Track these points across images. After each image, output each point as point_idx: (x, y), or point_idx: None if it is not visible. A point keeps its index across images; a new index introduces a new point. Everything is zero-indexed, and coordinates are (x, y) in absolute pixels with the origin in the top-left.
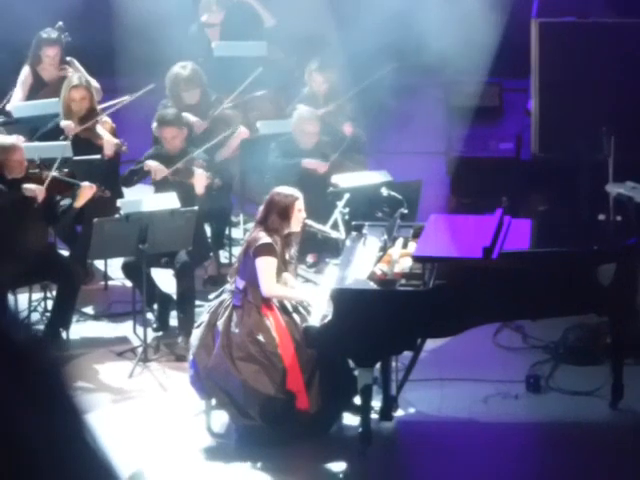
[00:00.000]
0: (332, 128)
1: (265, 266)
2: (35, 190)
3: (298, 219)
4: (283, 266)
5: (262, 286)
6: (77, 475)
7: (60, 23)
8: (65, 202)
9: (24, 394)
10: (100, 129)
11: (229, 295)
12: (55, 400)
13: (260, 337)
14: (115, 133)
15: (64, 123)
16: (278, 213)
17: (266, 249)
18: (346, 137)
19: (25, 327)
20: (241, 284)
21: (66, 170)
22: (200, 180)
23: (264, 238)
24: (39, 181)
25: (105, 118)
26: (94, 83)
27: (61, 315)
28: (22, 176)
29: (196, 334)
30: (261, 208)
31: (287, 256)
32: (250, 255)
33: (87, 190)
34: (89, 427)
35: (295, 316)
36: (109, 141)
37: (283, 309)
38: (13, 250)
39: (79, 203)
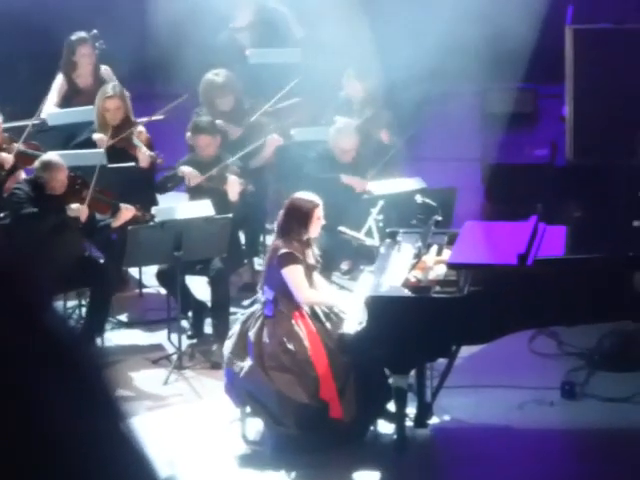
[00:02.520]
0: (369, 136)
1: (293, 275)
2: (79, 210)
3: (316, 226)
4: (308, 270)
5: (297, 295)
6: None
7: (95, 31)
8: (104, 219)
9: (70, 395)
10: (136, 140)
11: (260, 305)
12: (100, 402)
13: (291, 346)
14: (150, 144)
15: (96, 136)
16: (297, 219)
17: (289, 258)
18: (385, 145)
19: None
20: (270, 295)
21: (104, 190)
22: (233, 187)
23: (283, 247)
24: (79, 199)
25: (140, 128)
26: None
27: (95, 320)
28: (63, 192)
29: (228, 345)
30: (280, 213)
31: (310, 260)
32: (274, 265)
33: (127, 212)
34: (133, 430)
35: (327, 324)
36: (144, 153)
37: (315, 316)
38: (52, 260)
39: (117, 223)
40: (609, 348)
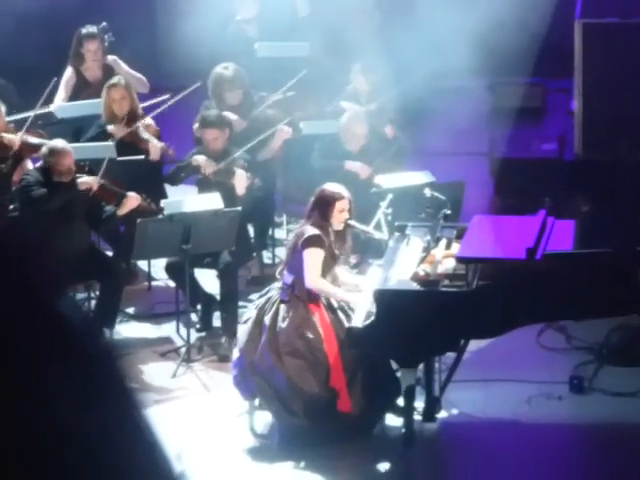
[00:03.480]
0: (374, 130)
1: (311, 257)
2: (90, 181)
3: (338, 219)
4: (332, 261)
5: (305, 276)
6: (134, 470)
7: (104, 23)
8: (109, 208)
9: (82, 385)
10: (145, 133)
11: (277, 291)
12: (113, 393)
13: (307, 332)
14: (159, 136)
15: (111, 127)
16: (319, 209)
17: (313, 241)
18: (388, 139)
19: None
20: (289, 279)
21: (112, 180)
22: (241, 180)
23: (311, 230)
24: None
25: (149, 121)
26: (139, 76)
27: (105, 314)
28: (69, 180)
29: (243, 329)
30: (310, 201)
31: (336, 251)
32: (298, 248)
33: (132, 200)
34: (146, 421)
35: (341, 314)
36: (155, 145)
37: (329, 307)
38: (61, 250)
39: (123, 211)
40: (617, 342)
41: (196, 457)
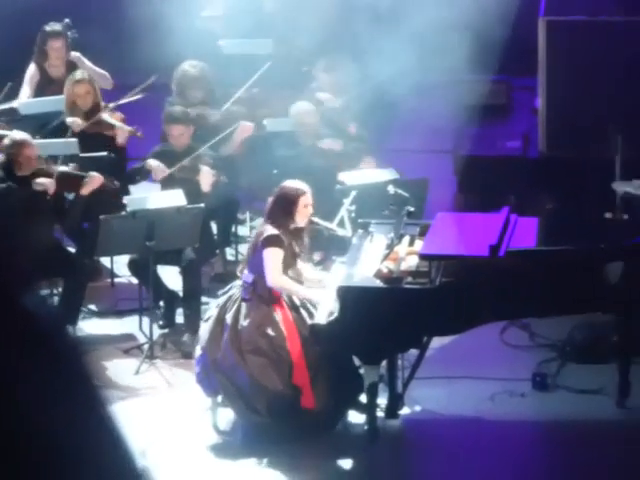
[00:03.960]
0: (337, 127)
1: (271, 257)
2: (46, 183)
3: (303, 214)
4: (292, 259)
5: (267, 276)
6: (100, 466)
7: (67, 20)
8: (72, 197)
9: (47, 380)
10: (109, 118)
11: (238, 289)
12: (77, 388)
13: (269, 330)
14: (124, 122)
15: (70, 120)
16: (283, 207)
17: (273, 240)
18: (351, 136)
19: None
20: (250, 278)
21: (73, 164)
22: (206, 177)
23: (270, 230)
24: (47, 176)
25: (110, 106)
26: (103, 72)
27: (68, 310)
28: (30, 173)
29: (205, 328)
30: (269, 200)
31: (296, 249)
32: (258, 247)
33: (95, 180)
34: (112, 416)
35: (303, 312)
36: (122, 128)
37: (291, 304)
38: (23, 246)
39: (86, 191)
40: (580, 340)
41: (159, 454)
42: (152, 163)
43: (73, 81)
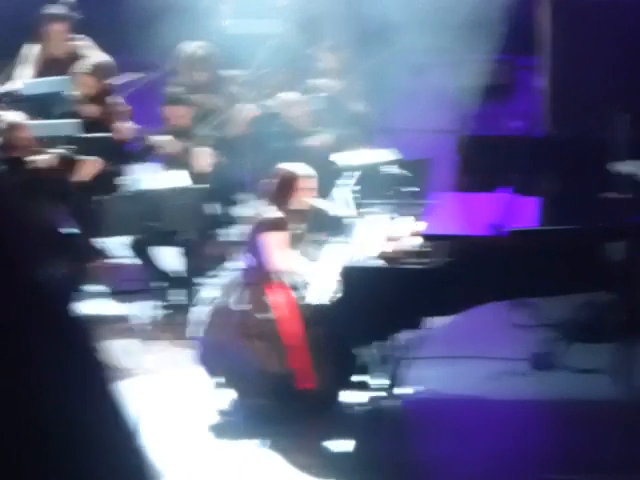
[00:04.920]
0: (342, 106)
1: (271, 240)
2: (50, 159)
3: (300, 196)
4: (294, 241)
5: (270, 259)
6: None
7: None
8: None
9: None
10: (118, 113)
11: (239, 272)
12: (83, 356)
13: (270, 314)
14: (131, 115)
15: (82, 107)
16: (279, 189)
17: (273, 223)
18: (358, 115)
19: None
20: (251, 261)
21: (72, 147)
22: (204, 158)
23: (272, 213)
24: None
25: (119, 100)
26: (108, 59)
27: (70, 291)
28: (28, 156)
29: (206, 310)
30: (269, 183)
31: (297, 231)
32: (260, 231)
33: (93, 164)
34: (116, 394)
35: (302, 293)
36: (124, 125)
37: (290, 286)
38: (21, 228)
39: (85, 176)
40: (583, 319)
41: (160, 434)
42: (162, 138)
43: (79, 71)
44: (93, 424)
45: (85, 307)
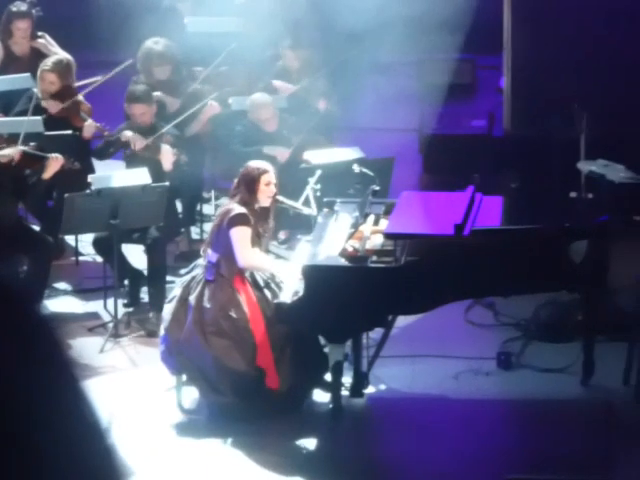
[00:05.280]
0: (305, 104)
1: (240, 236)
2: (11, 153)
3: (265, 193)
4: (256, 240)
5: (237, 256)
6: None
7: None
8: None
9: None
10: (82, 113)
11: (202, 270)
12: (47, 363)
13: (232, 312)
14: (91, 114)
15: (45, 104)
16: (245, 186)
17: (240, 219)
18: (320, 113)
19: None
20: (214, 257)
21: (34, 144)
22: (167, 156)
23: (237, 209)
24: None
25: (80, 98)
26: (69, 56)
27: (33, 288)
28: None
29: (168, 308)
30: (235, 180)
31: (260, 230)
32: (224, 227)
33: (55, 161)
34: (80, 391)
35: (266, 292)
36: (90, 124)
37: (255, 284)
38: None
39: (47, 174)
40: (545, 318)
41: (123, 432)
42: (128, 134)
43: (41, 68)
44: (60, 424)
45: (48, 304)
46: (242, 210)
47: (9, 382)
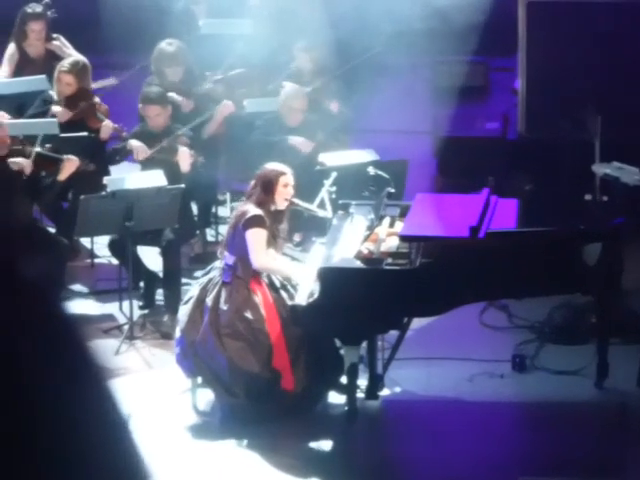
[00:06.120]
0: (318, 106)
1: (255, 238)
2: (22, 163)
3: (283, 195)
4: (271, 241)
5: (252, 258)
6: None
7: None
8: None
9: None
10: (100, 114)
11: (218, 272)
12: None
13: (248, 314)
14: (108, 115)
15: (55, 109)
16: (263, 187)
17: (256, 221)
18: (333, 115)
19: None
20: (231, 260)
21: (49, 146)
22: (184, 158)
23: (253, 210)
24: (23, 157)
25: (96, 100)
26: (84, 58)
27: (49, 291)
28: (5, 153)
29: (184, 310)
30: (252, 182)
31: (275, 232)
32: (240, 228)
33: (71, 163)
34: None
35: (283, 293)
36: (107, 125)
37: (271, 286)
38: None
39: (62, 176)
40: (559, 321)
41: (137, 434)
42: (133, 143)
43: (59, 69)
44: (79, 424)
45: (65, 307)
46: (258, 212)
47: (30, 383)
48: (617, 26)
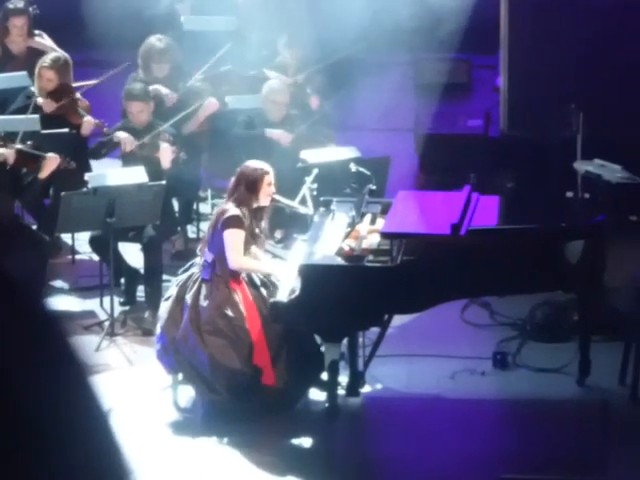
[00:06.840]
0: (299, 100)
1: (232, 238)
2: (5, 154)
3: (266, 193)
4: (252, 239)
5: (229, 258)
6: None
7: None
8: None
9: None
10: (81, 110)
11: (198, 269)
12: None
13: (228, 311)
14: (89, 111)
15: (40, 100)
16: (246, 186)
17: (234, 221)
18: (313, 110)
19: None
20: (210, 257)
21: (30, 143)
22: (166, 154)
23: (232, 210)
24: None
25: (77, 95)
26: (65, 54)
27: (31, 287)
28: None
29: (164, 307)
30: (232, 180)
31: (256, 230)
32: (218, 228)
33: (52, 161)
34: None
35: (263, 290)
36: (89, 121)
37: (251, 283)
38: None
39: (44, 174)
40: (541, 318)
41: (118, 431)
42: (121, 135)
43: (40, 64)
44: (60, 421)
45: (46, 303)
46: (236, 212)
47: (10, 380)
48: (599, 23)
